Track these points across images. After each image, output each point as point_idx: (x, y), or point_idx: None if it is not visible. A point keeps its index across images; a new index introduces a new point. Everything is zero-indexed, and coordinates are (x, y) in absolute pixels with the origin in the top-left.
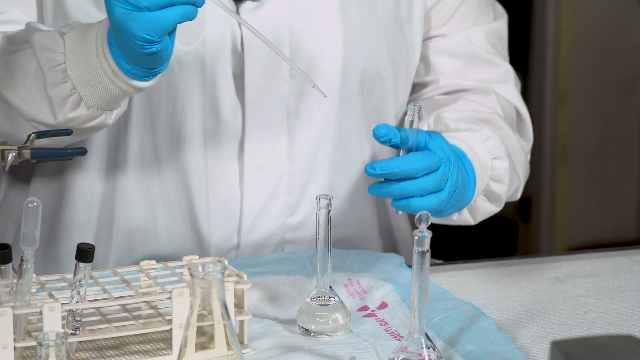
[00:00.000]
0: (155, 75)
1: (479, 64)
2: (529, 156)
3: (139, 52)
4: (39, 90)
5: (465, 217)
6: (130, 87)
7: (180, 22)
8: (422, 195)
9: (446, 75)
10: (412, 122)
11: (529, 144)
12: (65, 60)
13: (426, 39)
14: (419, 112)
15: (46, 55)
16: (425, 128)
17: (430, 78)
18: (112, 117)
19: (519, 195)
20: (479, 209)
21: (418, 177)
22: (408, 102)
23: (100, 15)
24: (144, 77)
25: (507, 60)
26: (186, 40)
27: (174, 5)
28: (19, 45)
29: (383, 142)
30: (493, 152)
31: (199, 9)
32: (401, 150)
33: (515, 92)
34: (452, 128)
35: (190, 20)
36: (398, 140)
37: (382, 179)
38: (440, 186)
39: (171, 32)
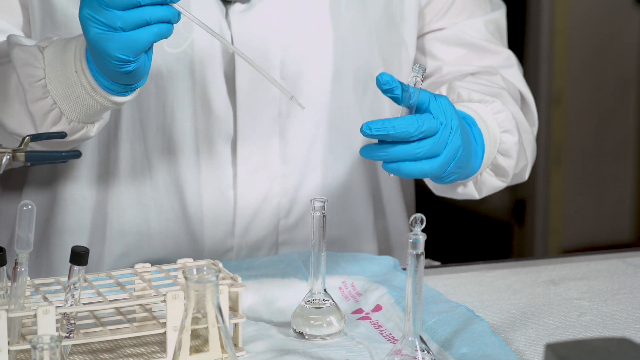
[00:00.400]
0: (134, 90)
1: (481, 52)
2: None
3: (116, 71)
4: (20, 105)
5: (470, 191)
6: (110, 102)
7: (155, 41)
8: (414, 160)
9: (449, 64)
10: (415, 84)
11: (534, 129)
12: (45, 75)
13: (423, 35)
14: (423, 74)
15: (26, 71)
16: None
17: (432, 68)
18: (94, 129)
19: (526, 176)
20: (485, 183)
21: (412, 142)
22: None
23: None
24: (123, 93)
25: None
26: (174, 43)
27: (148, 24)
28: (1, 59)
29: (385, 91)
30: (503, 125)
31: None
32: (401, 109)
33: (519, 77)
34: (464, 98)
35: (166, 37)
36: (399, 92)
37: (377, 141)
38: (436, 152)
39: (147, 50)
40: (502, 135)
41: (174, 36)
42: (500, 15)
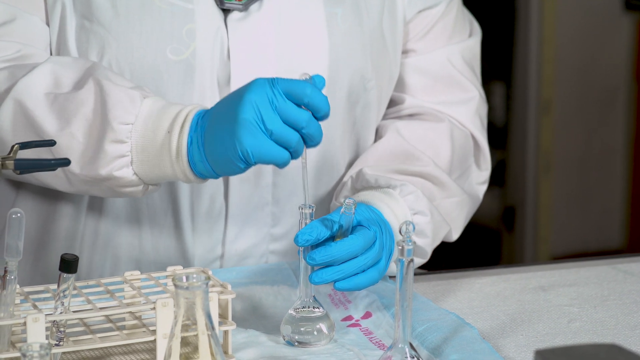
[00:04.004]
0: (207, 179)
1: (451, 85)
2: (484, 186)
3: (228, 158)
4: (88, 138)
5: (393, 269)
6: (183, 174)
7: (277, 165)
8: (363, 271)
9: (413, 94)
10: (349, 215)
11: (485, 173)
12: (134, 122)
13: (402, 52)
14: (354, 206)
15: (119, 111)
16: (349, 183)
17: (398, 94)
18: (146, 192)
19: (454, 237)
20: None
21: (358, 256)
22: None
23: (92, 24)
24: (201, 174)
25: (480, 79)
26: (177, 50)
27: (287, 148)
28: (79, 89)
29: (310, 244)
30: (414, 207)
31: (192, 19)
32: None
33: (473, 118)
34: (372, 184)
35: (281, 168)
36: (326, 235)
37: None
38: (378, 257)
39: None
40: (414, 218)
41: (178, 43)
42: (476, 41)
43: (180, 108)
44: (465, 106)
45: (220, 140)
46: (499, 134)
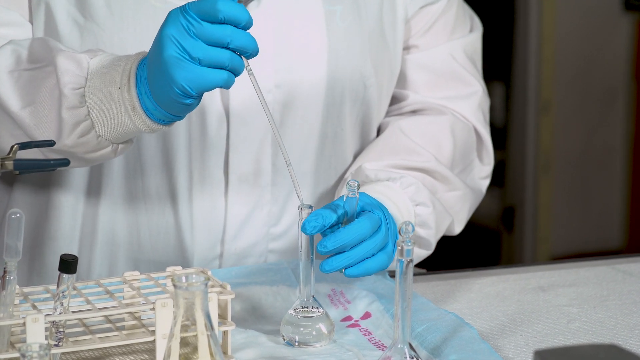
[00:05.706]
0: (171, 123)
1: (453, 80)
2: (487, 181)
3: (171, 99)
4: (51, 110)
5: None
6: (145, 125)
7: (219, 87)
8: (373, 255)
9: (416, 90)
10: (353, 197)
11: (487, 167)
12: (86, 84)
13: (404, 49)
14: (358, 188)
15: (68, 77)
16: (349, 179)
17: (400, 91)
18: (117, 151)
19: (456, 230)
20: None
21: (366, 240)
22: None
23: (86, 22)
24: (162, 120)
25: (481, 74)
26: None
27: (223, 69)
28: (38, 64)
29: (317, 231)
30: (415, 198)
31: None
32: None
33: (476, 112)
34: (372, 178)
35: (227, 88)
36: (333, 220)
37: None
38: (385, 242)
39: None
40: (416, 209)
41: None
42: (477, 36)
43: (126, 61)
44: (468, 100)
45: (158, 84)
46: (499, 134)
